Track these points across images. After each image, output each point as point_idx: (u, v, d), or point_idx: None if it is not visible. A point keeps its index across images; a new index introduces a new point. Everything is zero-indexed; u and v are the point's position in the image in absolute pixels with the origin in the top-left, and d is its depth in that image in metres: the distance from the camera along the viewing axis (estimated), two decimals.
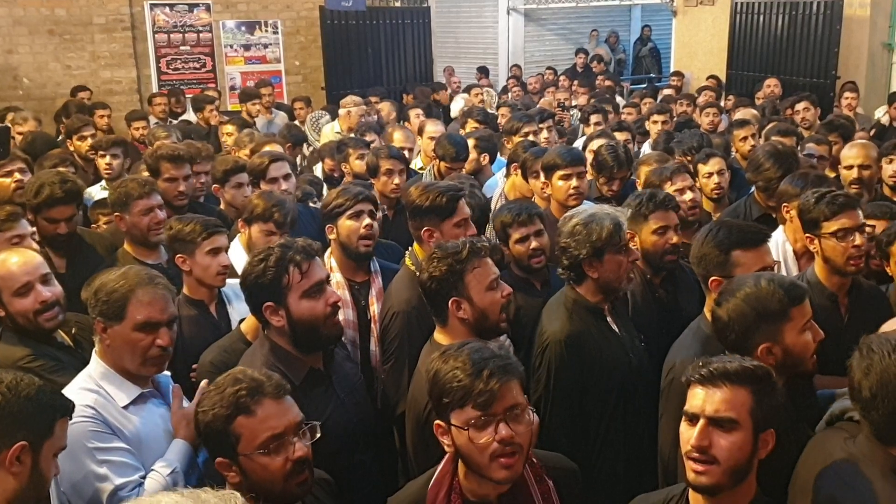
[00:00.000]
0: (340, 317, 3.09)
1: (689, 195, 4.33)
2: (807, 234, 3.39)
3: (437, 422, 2.14)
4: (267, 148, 5.45)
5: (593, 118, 7.34)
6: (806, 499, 2.19)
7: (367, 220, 3.66)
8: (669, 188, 4.26)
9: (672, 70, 12.26)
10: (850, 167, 4.74)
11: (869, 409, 2.06)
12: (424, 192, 3.51)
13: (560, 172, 4.31)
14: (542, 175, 4.49)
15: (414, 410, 2.78)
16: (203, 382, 2.49)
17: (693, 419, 2.03)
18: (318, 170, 6.55)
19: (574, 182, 4.29)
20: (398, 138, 6.12)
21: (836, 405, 2.48)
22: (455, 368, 2.06)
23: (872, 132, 7.56)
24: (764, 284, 2.48)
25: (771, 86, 9.50)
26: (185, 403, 2.66)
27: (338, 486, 2.51)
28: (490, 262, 2.88)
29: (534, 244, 3.64)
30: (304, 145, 7.90)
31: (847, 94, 8.90)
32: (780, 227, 3.98)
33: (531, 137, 5.83)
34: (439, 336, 2.88)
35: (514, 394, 2.06)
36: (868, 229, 3.55)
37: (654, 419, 2.96)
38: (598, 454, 3.10)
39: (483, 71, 13.14)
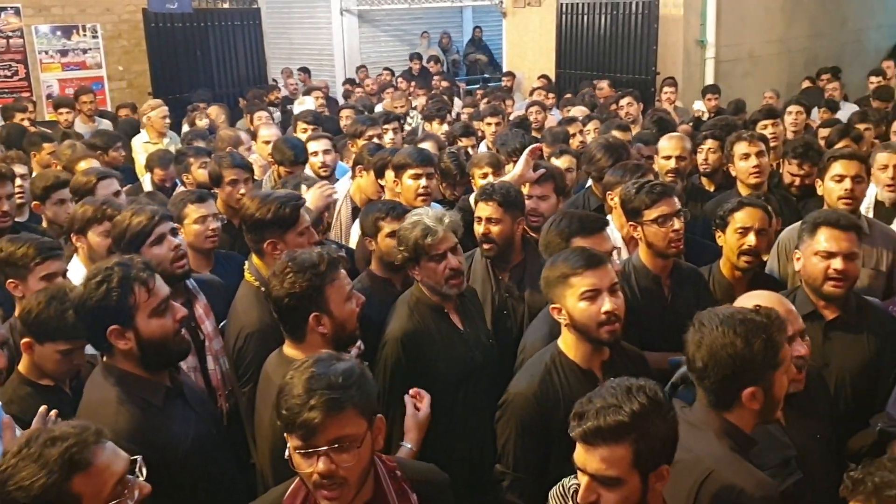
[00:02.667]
0: None
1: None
2: (630, 223, 3.60)
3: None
4: (83, 164, 5.19)
5: (440, 118, 7.38)
6: None
7: (174, 242, 3.39)
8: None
9: (504, 70, 12.56)
10: (667, 157, 5.02)
11: (702, 378, 2.23)
12: (264, 204, 3.37)
13: (410, 172, 4.34)
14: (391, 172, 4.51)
15: (260, 427, 2.72)
16: None
17: (580, 470, 1.99)
18: (146, 181, 6.18)
19: (423, 182, 4.33)
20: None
21: (678, 374, 2.64)
22: (291, 391, 1.99)
23: (691, 124, 8.04)
24: (563, 254, 2.77)
25: (604, 87, 9.91)
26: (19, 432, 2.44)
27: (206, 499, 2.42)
28: (344, 272, 2.83)
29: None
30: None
31: (666, 89, 9.46)
32: (609, 216, 4.14)
33: (375, 140, 5.81)
34: (290, 351, 2.76)
35: (343, 425, 1.96)
36: None
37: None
38: (442, 447, 3.10)
39: (305, 71, 13.00)
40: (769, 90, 9.49)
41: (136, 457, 2.01)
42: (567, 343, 2.80)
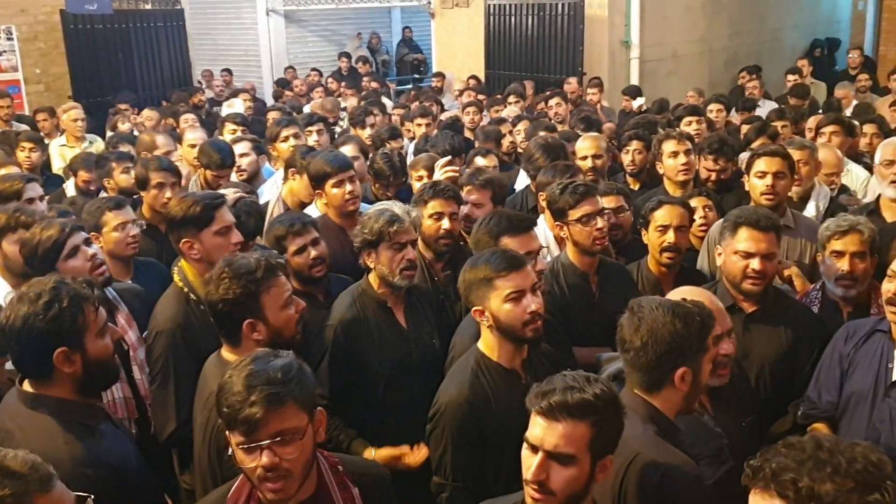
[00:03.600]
0: None
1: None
2: (556, 223, 3.68)
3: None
4: (1, 171, 5.01)
5: (367, 119, 7.33)
6: None
7: (89, 252, 3.32)
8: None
9: (434, 71, 12.58)
10: (584, 158, 5.11)
11: (639, 356, 2.32)
12: (179, 203, 3.35)
13: (331, 181, 4.23)
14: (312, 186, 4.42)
15: (199, 428, 2.67)
16: None
17: (533, 448, 2.02)
18: (70, 186, 5.99)
19: (348, 187, 4.24)
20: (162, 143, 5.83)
21: (609, 369, 2.76)
22: (231, 388, 2.02)
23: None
24: (484, 255, 2.78)
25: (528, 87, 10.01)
26: None
27: None
28: (283, 278, 2.79)
29: (313, 253, 3.57)
30: None
31: (592, 89, 9.59)
32: (542, 216, 4.24)
33: (292, 141, 5.69)
34: (227, 354, 2.74)
35: (284, 419, 2.01)
36: (608, 205, 4.00)
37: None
38: (371, 440, 3.19)
39: (229, 71, 12.84)
40: (692, 89, 9.70)
41: (85, 495, 1.92)
42: (489, 345, 2.80)
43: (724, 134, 6.09)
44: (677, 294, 2.67)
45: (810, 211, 4.58)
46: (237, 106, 8.87)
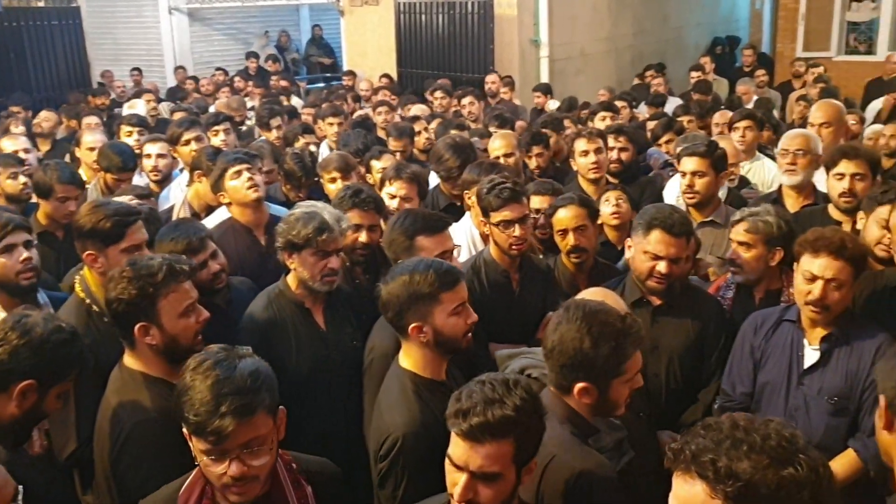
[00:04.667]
0: None
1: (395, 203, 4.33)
2: (482, 220, 3.67)
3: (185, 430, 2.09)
4: None
5: (273, 122, 7.17)
6: None
7: (24, 254, 3.22)
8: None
9: (345, 69, 12.44)
10: (496, 157, 5.07)
11: (548, 357, 2.36)
12: (90, 213, 3.18)
13: (230, 171, 4.06)
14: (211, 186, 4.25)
15: (100, 445, 2.58)
16: None
17: (457, 468, 1.98)
18: None
19: (246, 175, 4.05)
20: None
21: (514, 364, 2.78)
22: (197, 396, 1.99)
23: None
24: (420, 269, 2.60)
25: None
26: None
27: None
28: (188, 284, 2.69)
29: (215, 268, 3.40)
30: None
31: (503, 87, 9.63)
32: (468, 213, 4.22)
33: (196, 144, 5.49)
34: (129, 360, 2.66)
35: (254, 428, 2.00)
36: (540, 205, 4.05)
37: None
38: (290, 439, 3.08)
39: (139, 71, 12.47)
40: (603, 87, 9.85)
41: (20, 486, 2.04)
42: (417, 362, 2.64)
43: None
44: (587, 296, 2.69)
45: None
46: (139, 107, 8.55)
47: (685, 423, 3.19)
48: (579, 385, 2.30)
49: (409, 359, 2.66)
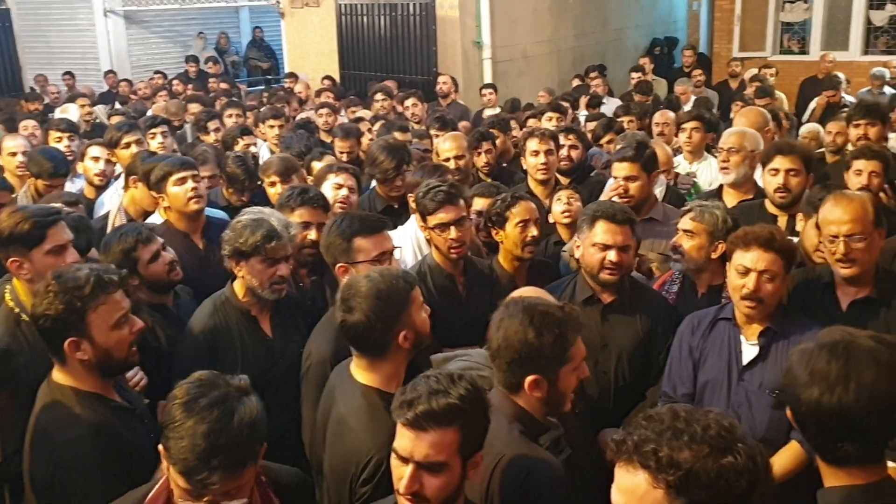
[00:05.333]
0: None
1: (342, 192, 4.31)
2: (421, 225, 3.66)
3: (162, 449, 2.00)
4: None
5: (211, 125, 7.07)
6: None
7: None
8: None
9: (286, 71, 12.31)
10: (446, 160, 5.11)
11: (495, 358, 2.38)
12: (7, 219, 3.09)
13: (174, 178, 3.99)
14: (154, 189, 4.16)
15: (32, 464, 2.47)
16: None
17: (403, 459, 1.98)
18: None
19: (190, 184, 4.01)
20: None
21: (450, 367, 2.79)
22: (188, 440, 1.89)
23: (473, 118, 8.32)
24: (381, 278, 2.57)
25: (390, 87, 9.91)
26: None
27: None
28: (119, 295, 2.59)
29: (168, 257, 3.43)
30: None
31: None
32: (413, 217, 4.17)
33: (137, 147, 5.38)
34: (59, 376, 2.56)
35: (239, 480, 1.95)
36: (483, 207, 4.02)
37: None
38: None
39: (71, 75, 12.16)
40: (543, 89, 9.93)
41: None
42: (383, 377, 2.58)
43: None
44: (517, 293, 2.73)
45: None
46: (71, 112, 8.33)
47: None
48: (530, 378, 2.32)
49: (374, 374, 2.58)
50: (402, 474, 1.97)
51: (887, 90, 9.37)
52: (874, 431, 1.77)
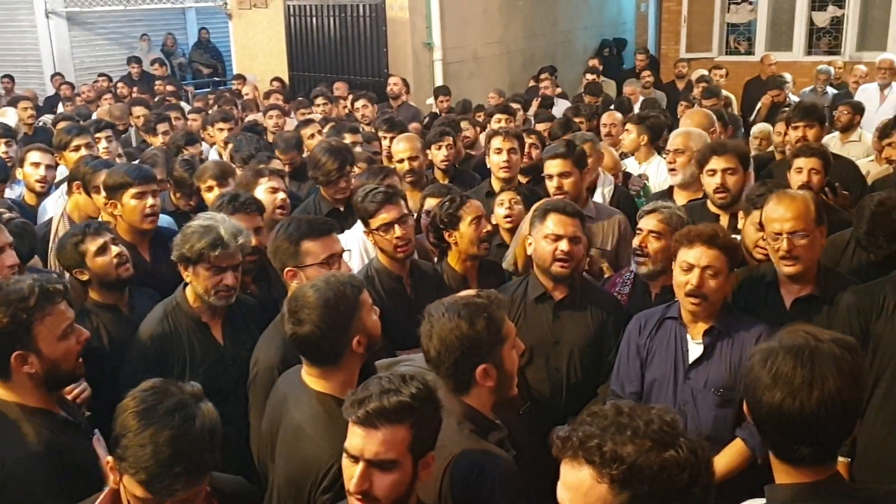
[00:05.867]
0: None
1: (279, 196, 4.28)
2: (364, 230, 3.65)
3: (111, 460, 1.98)
4: None
5: (160, 127, 6.95)
6: None
7: None
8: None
9: (234, 73, 12.16)
10: (400, 161, 5.14)
11: (438, 365, 2.37)
12: None
13: (132, 191, 3.93)
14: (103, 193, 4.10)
15: None
16: None
17: (353, 458, 1.99)
18: None
19: (150, 201, 3.96)
20: None
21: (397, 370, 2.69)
22: (150, 448, 1.87)
23: (425, 121, 8.28)
24: (328, 286, 2.53)
25: (340, 88, 9.86)
26: None
27: None
28: (64, 305, 2.53)
29: (115, 250, 3.43)
30: None
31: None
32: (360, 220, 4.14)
33: (86, 151, 5.29)
34: (3, 392, 2.47)
35: (199, 485, 1.96)
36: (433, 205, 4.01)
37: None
38: None
39: (11, 78, 11.87)
40: (493, 90, 9.95)
41: None
42: (338, 384, 2.53)
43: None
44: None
45: (597, 198, 4.88)
46: (9, 116, 8.11)
47: None
48: (480, 369, 2.33)
49: (328, 382, 2.54)
50: (352, 473, 1.98)
51: (830, 90, 9.59)
52: (831, 436, 1.80)
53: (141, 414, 1.91)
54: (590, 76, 10.56)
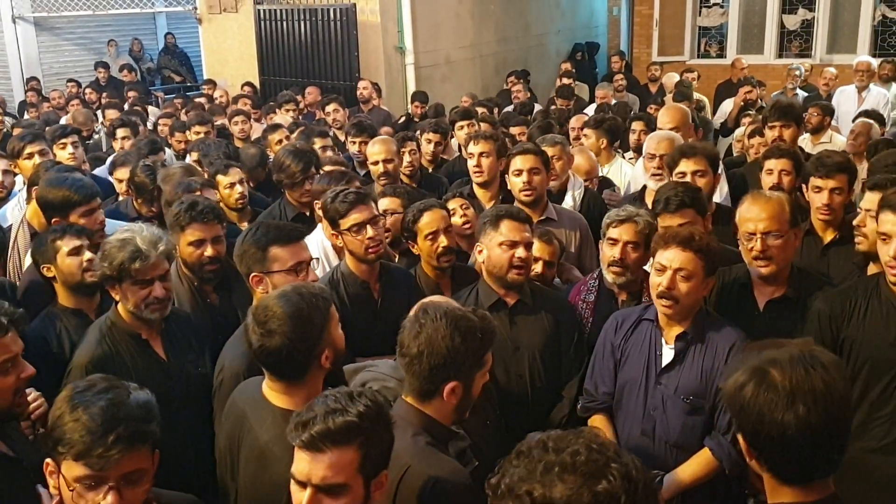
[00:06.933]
0: None
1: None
2: (332, 232, 3.58)
3: (49, 461, 1.93)
4: None
5: (120, 132, 6.82)
6: None
7: None
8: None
9: (205, 78, 12.05)
10: (375, 163, 5.09)
11: (412, 364, 2.29)
12: None
13: (80, 210, 3.82)
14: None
15: None
16: None
17: (301, 484, 1.90)
18: None
19: (100, 217, 3.90)
20: None
21: (357, 379, 2.75)
22: (83, 421, 1.86)
23: (402, 121, 8.25)
24: (300, 297, 2.44)
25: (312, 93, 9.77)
26: None
27: None
28: (10, 338, 2.37)
29: (87, 255, 3.38)
30: None
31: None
32: (320, 225, 4.08)
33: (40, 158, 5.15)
34: None
35: (138, 460, 1.90)
36: (388, 206, 4.02)
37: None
38: None
39: None
40: (465, 94, 9.92)
41: None
42: (292, 398, 2.43)
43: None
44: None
45: (567, 202, 4.81)
46: None
47: (553, 422, 3.23)
48: (449, 385, 2.28)
49: (292, 397, 2.43)
50: (300, 500, 1.89)
51: (800, 92, 9.64)
52: (826, 455, 1.74)
53: (71, 399, 1.91)
54: (565, 80, 10.55)
